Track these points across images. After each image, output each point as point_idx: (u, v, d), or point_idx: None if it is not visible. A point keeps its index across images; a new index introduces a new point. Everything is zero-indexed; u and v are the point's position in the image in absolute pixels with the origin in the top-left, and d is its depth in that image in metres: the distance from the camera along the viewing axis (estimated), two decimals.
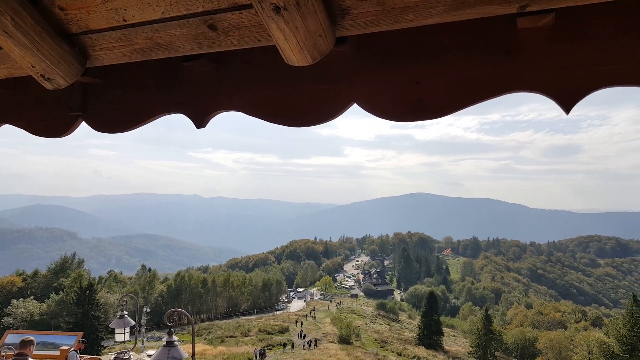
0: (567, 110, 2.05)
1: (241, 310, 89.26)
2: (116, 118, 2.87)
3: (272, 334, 56.36)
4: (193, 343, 7.90)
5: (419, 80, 2.18)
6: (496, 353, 62.84)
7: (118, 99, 2.86)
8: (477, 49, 2.11)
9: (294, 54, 1.96)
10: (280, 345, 46.06)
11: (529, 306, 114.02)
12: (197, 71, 2.61)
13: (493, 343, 61.21)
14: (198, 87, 2.63)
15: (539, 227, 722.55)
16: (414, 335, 64.84)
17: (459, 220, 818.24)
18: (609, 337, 53.54)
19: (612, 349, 49.82)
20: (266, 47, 2.22)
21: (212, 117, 2.65)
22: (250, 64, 2.51)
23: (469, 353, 61.99)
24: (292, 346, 43.80)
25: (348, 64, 2.31)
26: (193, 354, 7.41)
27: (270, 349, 45.39)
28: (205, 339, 53.28)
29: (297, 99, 2.42)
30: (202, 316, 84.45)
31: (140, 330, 49.24)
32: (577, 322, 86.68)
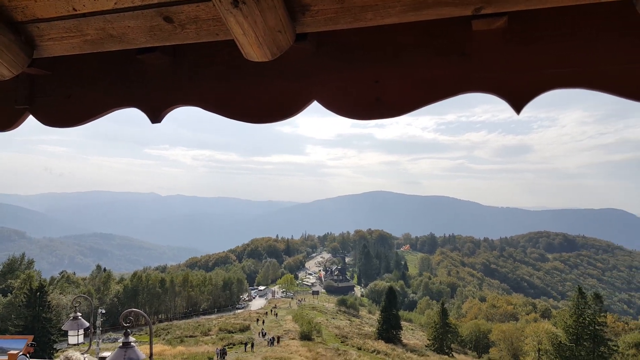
0: (518, 110, 2.12)
1: (201, 310, 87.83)
2: (66, 112, 2.75)
3: (233, 332, 55.75)
4: (151, 343, 7.69)
5: (378, 79, 2.21)
6: (452, 345, 64.77)
7: (68, 92, 2.73)
8: (434, 49, 2.15)
9: (253, 49, 1.93)
10: (242, 343, 45.60)
11: (482, 299, 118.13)
12: (152, 64, 2.53)
13: (449, 336, 63.06)
14: (153, 81, 2.54)
15: (492, 224, 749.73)
16: (374, 329, 65.83)
17: (417, 217, 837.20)
18: (556, 328, 56.19)
19: (559, 339, 52.36)
20: (225, 41, 2.18)
21: (168, 112, 2.58)
22: (208, 59, 2.46)
23: (426, 346, 63.57)
24: (252, 345, 43.39)
25: (308, 61, 2.31)
26: (151, 355, 7.21)
27: (231, 347, 44.88)
28: (163, 339, 52.09)
29: (256, 96, 2.39)
30: (160, 316, 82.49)
31: (95, 332, 47.53)
32: (527, 314, 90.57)
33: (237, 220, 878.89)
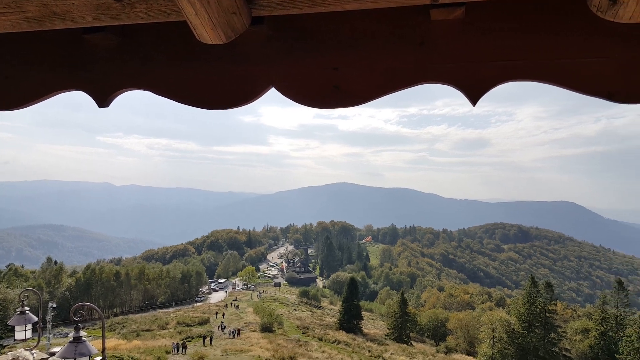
0: (474, 102, 2.14)
1: (158, 303, 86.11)
2: (5, 94, 2.56)
3: (191, 326, 54.95)
4: (103, 338, 7.47)
5: (337, 66, 2.17)
6: (411, 334, 66.43)
7: (7, 73, 2.55)
8: (393, 39, 2.13)
9: (206, 31, 1.85)
10: (200, 337, 45.02)
11: (441, 289, 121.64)
12: (100, 45, 2.39)
13: (408, 325, 64.62)
14: (100, 63, 2.40)
15: (451, 215, 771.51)
16: (335, 320, 66.58)
17: (379, 209, 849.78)
18: (510, 316, 58.59)
19: (513, 327, 54.69)
20: (177, 22, 2.09)
21: (117, 96, 2.45)
22: (160, 40, 2.34)
23: (385, 335, 64.89)
24: (211, 339, 42.79)
25: (266, 46, 2.24)
26: (103, 349, 7.01)
27: (190, 340, 44.26)
28: (119, 333, 50.77)
29: (210, 80, 2.30)
30: (115, 310, 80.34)
31: (45, 327, 45.70)
32: (483, 303, 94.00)
33: (196, 211, 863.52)
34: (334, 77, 2.17)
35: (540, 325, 52.96)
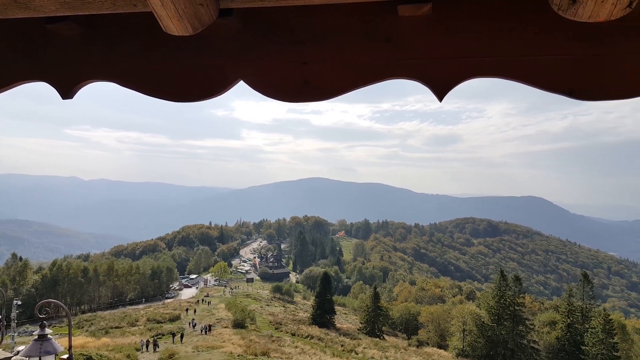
0: (440, 97, 2.19)
1: (128, 300, 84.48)
2: None
3: (162, 322, 54.13)
4: (70, 335, 7.31)
5: (307, 60, 2.18)
6: (383, 328, 67.22)
7: None
8: (361, 34, 2.16)
9: (173, 22, 1.83)
10: (171, 334, 44.41)
11: (413, 283, 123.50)
12: (64, 35, 2.32)
13: (381, 319, 65.39)
14: (64, 54, 2.34)
15: (423, 210, 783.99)
16: (308, 315, 66.77)
17: (352, 204, 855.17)
18: (480, 309, 59.93)
19: (482, 320, 55.99)
20: (144, 13, 2.05)
21: (81, 88, 2.39)
22: (126, 31, 2.30)
23: (358, 329, 65.51)
24: (182, 336, 42.15)
25: (235, 38, 2.22)
26: (70, 347, 6.87)
27: (160, 337, 43.62)
28: (87, 331, 49.55)
29: (178, 72, 2.28)
30: (83, 307, 78.40)
31: (10, 325, 44.23)
32: (454, 297, 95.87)
33: (167, 206, 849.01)
34: (303, 71, 2.18)
35: (509, 318, 54.37)
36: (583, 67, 2.05)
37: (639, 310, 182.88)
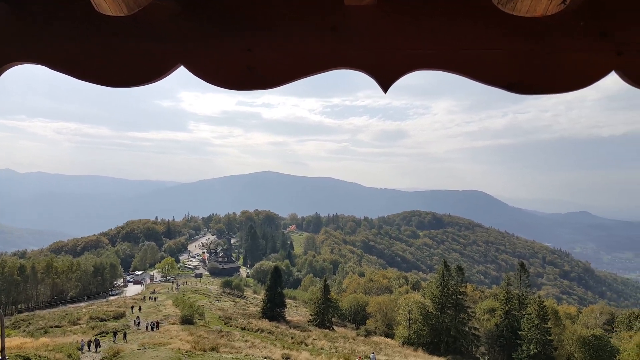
0: (385, 89, 2.19)
1: (69, 298, 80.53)
2: None
3: (105, 320, 51.98)
4: (2, 336, 6.87)
5: (251, 47, 2.11)
6: (333, 319, 68.12)
7: None
8: (307, 22, 2.11)
9: (106, 2, 1.75)
10: (116, 332, 42.68)
11: (361, 275, 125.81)
12: None
13: (330, 310, 66.21)
14: None
15: (372, 204, 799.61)
16: (259, 309, 66.48)
17: (303, 198, 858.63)
18: (425, 298, 61.99)
19: (427, 308, 57.95)
20: None
21: (6, 70, 2.19)
22: (57, 10, 2.13)
23: (308, 321, 66.01)
24: (125, 334, 40.53)
25: (175, 22, 2.12)
26: (2, 348, 6.45)
27: (104, 336, 41.88)
28: (24, 331, 46.72)
29: (114, 56, 2.13)
30: (20, 307, 74.03)
31: None
32: (400, 287, 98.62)
33: (110, 200, 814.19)
34: (247, 58, 2.11)
35: (452, 307, 56.61)
36: (521, 61, 2.11)
37: (570, 297, 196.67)
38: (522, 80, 2.11)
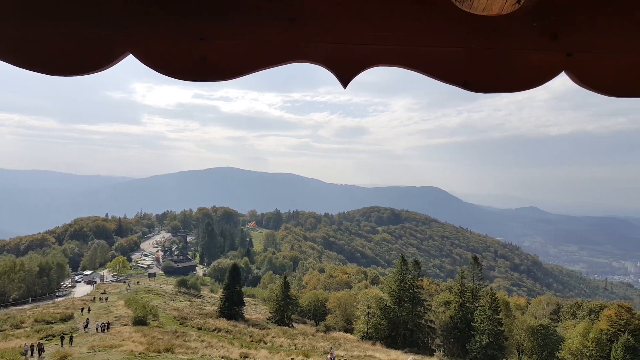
0: (345, 84, 2.16)
1: (11, 300, 76.20)
2: None
3: (52, 323, 49.54)
4: None
5: (205, 36, 2.02)
6: (292, 316, 68.05)
7: None
8: (265, 12, 2.05)
9: None
10: (64, 335, 40.79)
11: (321, 271, 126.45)
12: None
13: (290, 307, 66.08)
14: None
15: (332, 200, 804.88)
16: (216, 308, 65.47)
17: (263, 194, 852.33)
18: (383, 293, 62.98)
19: (385, 302, 58.92)
20: None
21: None
22: None
23: (267, 319, 65.60)
24: (71, 338, 38.69)
25: (123, 7, 1.99)
26: None
27: (50, 339, 39.97)
28: None
29: (57, 42, 1.99)
30: None
31: None
32: (359, 282, 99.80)
33: (56, 197, 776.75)
34: (201, 47, 2.02)
35: (409, 300, 57.84)
36: (477, 60, 2.14)
37: (519, 289, 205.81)
38: (478, 78, 2.14)
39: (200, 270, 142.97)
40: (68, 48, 1.98)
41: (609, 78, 2.26)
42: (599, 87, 2.27)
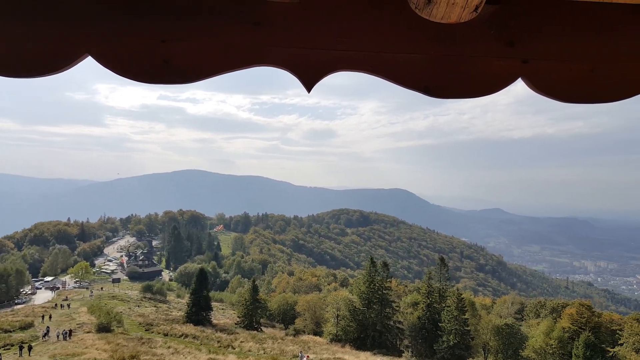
0: (309, 88, 2.17)
1: None
2: None
3: (10, 332, 47.36)
4: None
5: (166, 38, 1.99)
6: (261, 320, 67.42)
7: None
8: (229, 14, 2.04)
9: None
10: (23, 343, 39.11)
11: (291, 274, 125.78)
12: None
13: (259, 311, 65.44)
14: None
15: (302, 202, 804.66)
16: (183, 313, 64.22)
17: (231, 197, 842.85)
18: (352, 295, 63.19)
19: (354, 304, 59.14)
20: None
21: None
22: None
23: (236, 323, 64.76)
24: (30, 348, 37.03)
25: (83, 7, 1.94)
26: None
27: (8, 349, 38.26)
28: None
29: (14, 43, 1.91)
30: None
31: None
32: (329, 284, 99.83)
33: (15, 200, 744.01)
34: (162, 50, 1.99)
35: (378, 302, 58.27)
36: (438, 66, 2.20)
37: (485, 289, 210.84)
38: (438, 84, 2.20)
39: (166, 275, 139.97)
40: (22, 48, 1.92)
41: (562, 84, 2.35)
42: (553, 93, 2.37)
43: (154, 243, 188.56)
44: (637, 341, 46.88)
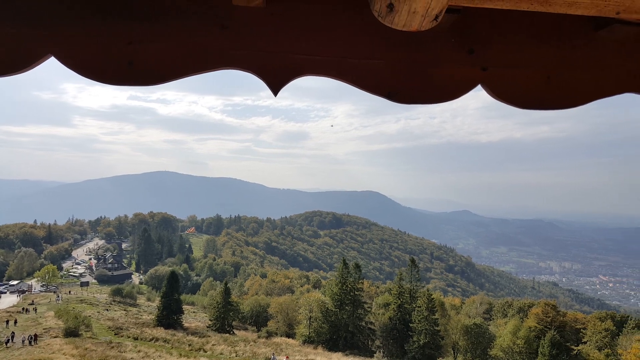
0: (275, 92, 2.21)
1: None
2: None
3: None
4: None
5: (132, 40, 1.99)
6: (233, 322, 66.72)
7: None
8: (195, 17, 2.05)
9: None
10: None
11: (264, 276, 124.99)
12: None
13: (231, 314, 64.74)
14: None
15: (275, 204, 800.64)
16: (153, 317, 62.96)
17: (203, 199, 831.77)
18: (325, 296, 63.29)
19: (327, 306, 59.24)
20: None
21: None
22: None
23: (207, 326, 63.93)
24: None
25: (46, 7, 1.92)
26: None
27: None
28: None
29: None
30: None
31: None
32: (302, 286, 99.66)
33: None
34: (127, 52, 1.99)
35: (350, 303, 58.54)
36: (400, 72, 2.27)
37: (454, 289, 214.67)
38: (401, 90, 2.27)
39: (136, 278, 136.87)
40: None
41: (519, 91, 2.45)
42: (511, 100, 2.47)
43: (124, 246, 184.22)
44: (599, 339, 48.69)
